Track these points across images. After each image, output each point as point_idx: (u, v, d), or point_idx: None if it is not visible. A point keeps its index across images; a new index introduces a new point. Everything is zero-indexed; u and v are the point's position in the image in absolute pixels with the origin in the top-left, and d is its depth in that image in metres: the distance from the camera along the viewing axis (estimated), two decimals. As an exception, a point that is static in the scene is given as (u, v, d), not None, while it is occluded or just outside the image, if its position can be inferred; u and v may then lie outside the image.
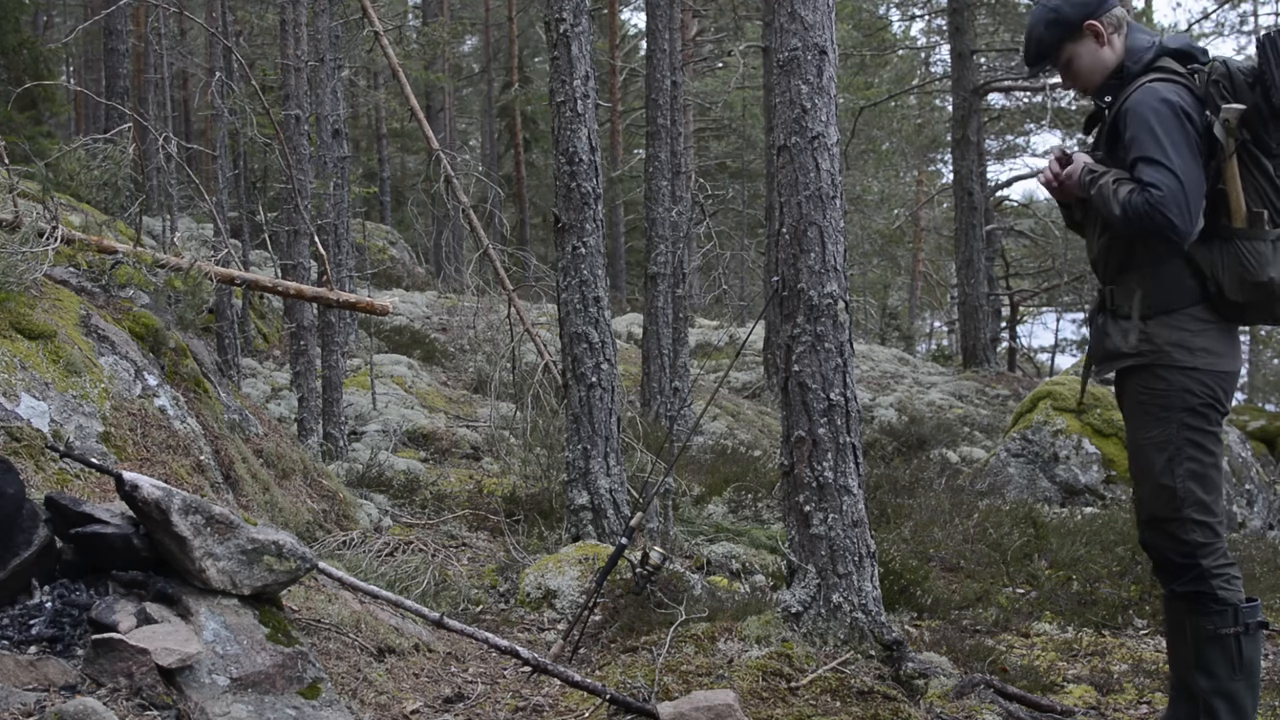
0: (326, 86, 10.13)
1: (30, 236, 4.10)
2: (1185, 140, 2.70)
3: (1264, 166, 2.74)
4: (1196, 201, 2.67)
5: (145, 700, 2.36)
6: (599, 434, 4.98)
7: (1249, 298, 2.74)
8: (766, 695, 2.96)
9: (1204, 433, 2.78)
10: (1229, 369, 2.82)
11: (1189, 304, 2.78)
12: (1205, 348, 2.77)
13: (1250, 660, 2.77)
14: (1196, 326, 2.78)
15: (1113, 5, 2.92)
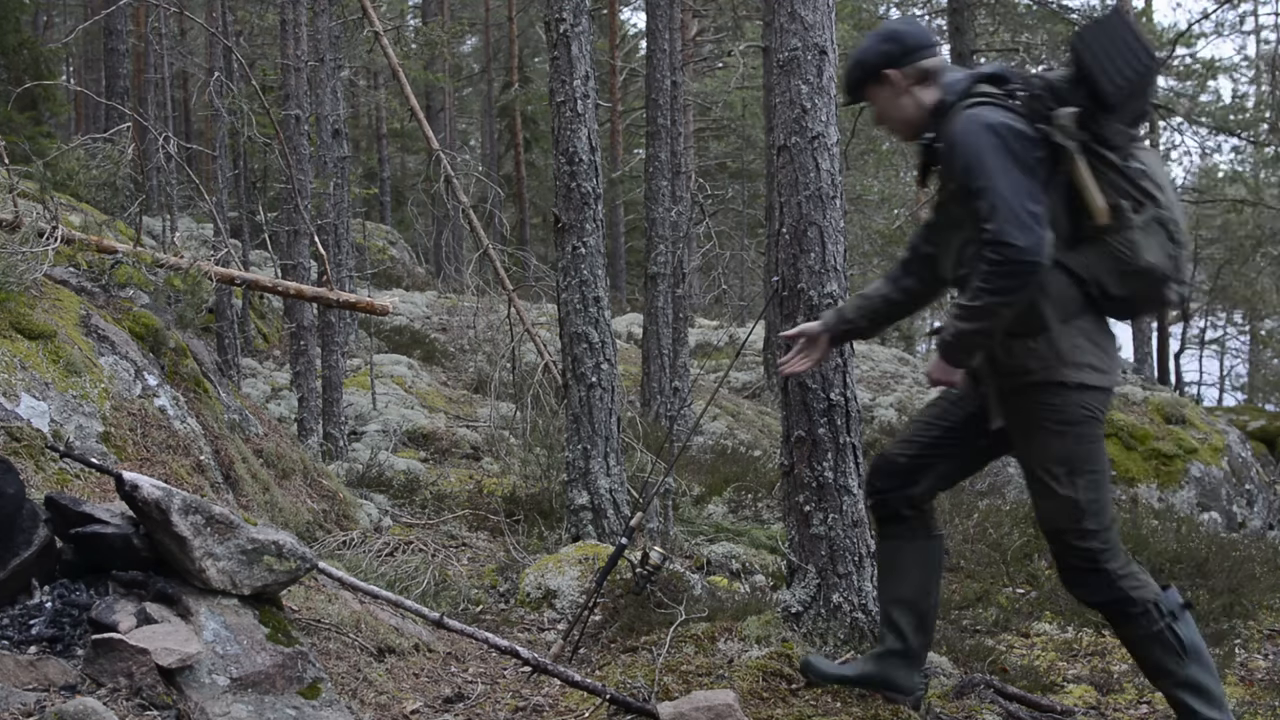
0: (326, 86, 10.13)
1: (30, 236, 4.10)
2: (1009, 157, 2.68)
3: (1110, 160, 2.74)
4: (1030, 210, 2.64)
5: (145, 700, 2.36)
6: (599, 434, 4.98)
7: (1134, 288, 2.75)
8: (767, 695, 2.96)
9: (1096, 444, 2.81)
10: (1111, 385, 2.84)
11: (1076, 314, 2.77)
12: (1091, 364, 2.77)
13: (1192, 643, 2.79)
14: (1085, 339, 2.77)
15: (921, 58, 2.90)
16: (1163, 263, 2.72)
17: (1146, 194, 2.73)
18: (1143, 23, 20.25)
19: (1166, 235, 2.74)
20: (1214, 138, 21.45)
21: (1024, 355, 2.77)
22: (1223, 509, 7.99)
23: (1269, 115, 21.10)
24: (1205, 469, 8.12)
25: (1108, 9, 19.88)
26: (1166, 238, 2.73)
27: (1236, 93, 23.80)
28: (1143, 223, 2.72)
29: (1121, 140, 2.75)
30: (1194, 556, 5.31)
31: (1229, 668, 4.01)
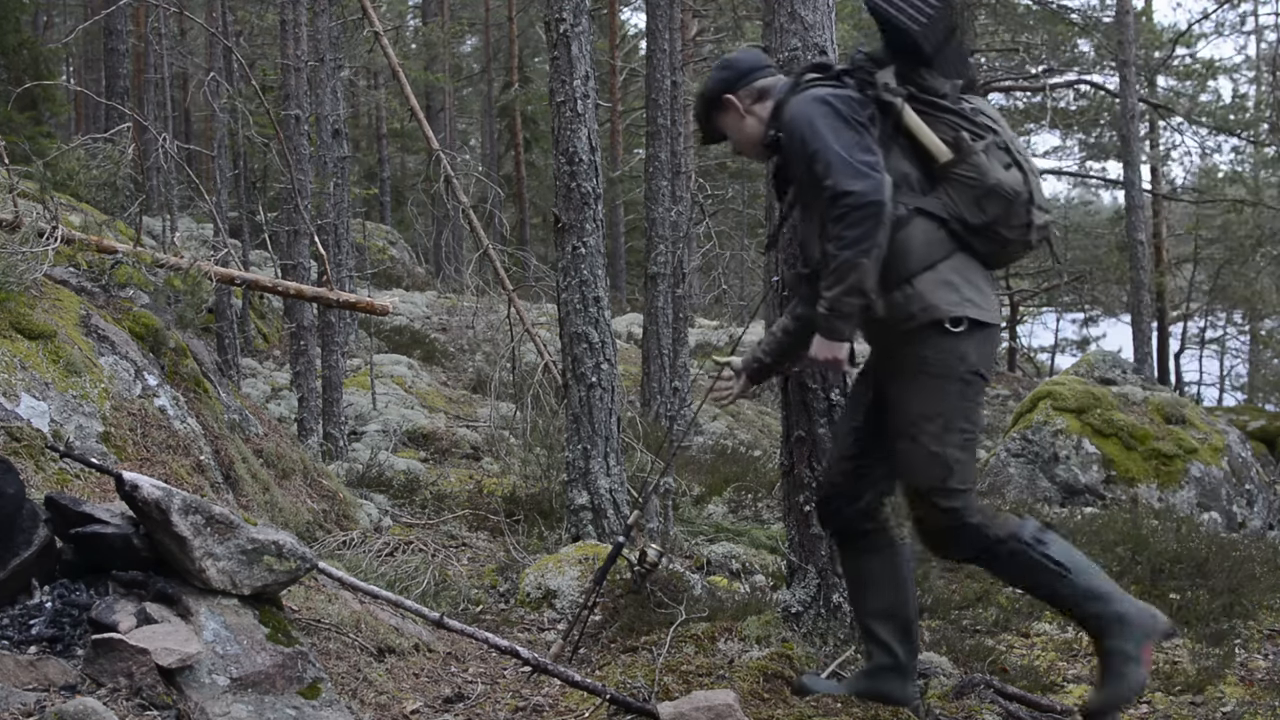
0: (326, 86, 10.13)
1: (30, 236, 4.10)
2: (838, 118, 2.80)
3: (939, 104, 2.87)
4: (862, 159, 2.73)
5: (145, 700, 2.36)
6: (599, 434, 4.98)
7: (992, 212, 2.80)
8: (767, 695, 2.96)
9: (973, 402, 2.83)
10: (994, 321, 2.86)
11: (945, 256, 2.82)
12: (970, 299, 2.80)
13: (1069, 558, 2.82)
14: (957, 276, 2.81)
15: (756, 78, 3.06)
16: (1012, 181, 2.80)
17: (984, 126, 2.86)
18: (1143, 22, 20.24)
19: (1013, 159, 2.84)
20: (1214, 138, 21.44)
21: (902, 303, 2.80)
22: (1223, 509, 7.99)
23: (1269, 115, 21.08)
24: (1205, 469, 8.12)
25: (1106, 8, 19.90)
26: (1014, 161, 2.84)
27: (1236, 93, 23.80)
28: (984, 147, 2.82)
29: (946, 88, 2.90)
30: (1194, 556, 5.30)
31: (1229, 668, 4.01)
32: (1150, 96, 20.28)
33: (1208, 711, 3.54)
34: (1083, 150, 24.39)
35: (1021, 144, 2.91)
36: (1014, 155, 2.85)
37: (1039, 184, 2.87)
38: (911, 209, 2.80)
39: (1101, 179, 23.62)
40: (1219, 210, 21.82)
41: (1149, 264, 16.59)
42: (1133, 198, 16.13)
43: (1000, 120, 2.93)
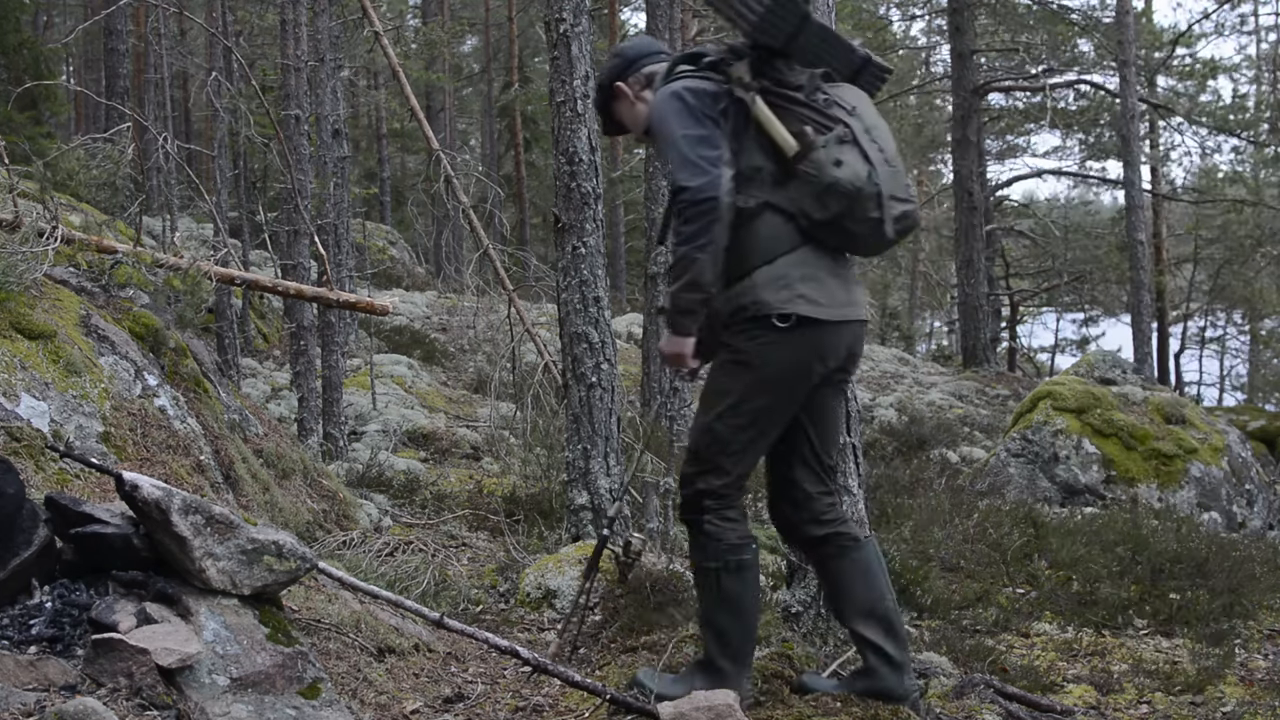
0: (326, 86, 10.13)
1: (30, 236, 4.10)
2: (687, 113, 2.83)
3: (793, 97, 2.88)
4: (703, 155, 2.77)
5: (145, 700, 2.36)
6: (599, 434, 4.98)
7: (833, 208, 2.79)
8: (766, 695, 2.96)
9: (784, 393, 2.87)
10: (835, 318, 2.85)
11: (788, 249, 2.83)
12: (803, 294, 2.81)
13: (733, 595, 2.90)
14: (795, 273, 2.83)
15: (644, 65, 3.10)
16: (853, 178, 2.77)
17: (834, 119, 2.85)
18: (1143, 22, 20.24)
19: (860, 153, 2.80)
20: (1214, 138, 21.43)
21: (737, 296, 2.84)
22: (1223, 509, 7.99)
23: (1269, 115, 21.08)
24: (1205, 469, 8.11)
25: (1106, 8, 19.88)
26: (860, 155, 2.80)
27: (1236, 93, 23.80)
28: (827, 142, 2.80)
29: (804, 79, 2.91)
30: (1194, 556, 5.30)
31: (1229, 668, 4.01)
32: (1150, 96, 20.28)
33: (1208, 711, 3.54)
34: (1083, 150, 24.39)
35: (883, 133, 2.88)
36: (863, 148, 2.81)
37: (893, 175, 2.83)
38: (761, 203, 2.83)
39: (1101, 179, 23.60)
40: (1219, 210, 21.81)
41: (1149, 264, 16.59)
42: (1133, 198, 16.13)
43: (861, 109, 2.90)
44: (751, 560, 2.94)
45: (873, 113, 2.94)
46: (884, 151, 2.85)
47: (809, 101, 2.88)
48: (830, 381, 2.94)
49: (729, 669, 2.90)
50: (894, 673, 2.94)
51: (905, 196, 2.86)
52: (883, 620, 2.96)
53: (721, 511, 2.91)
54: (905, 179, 2.88)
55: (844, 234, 2.84)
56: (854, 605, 2.99)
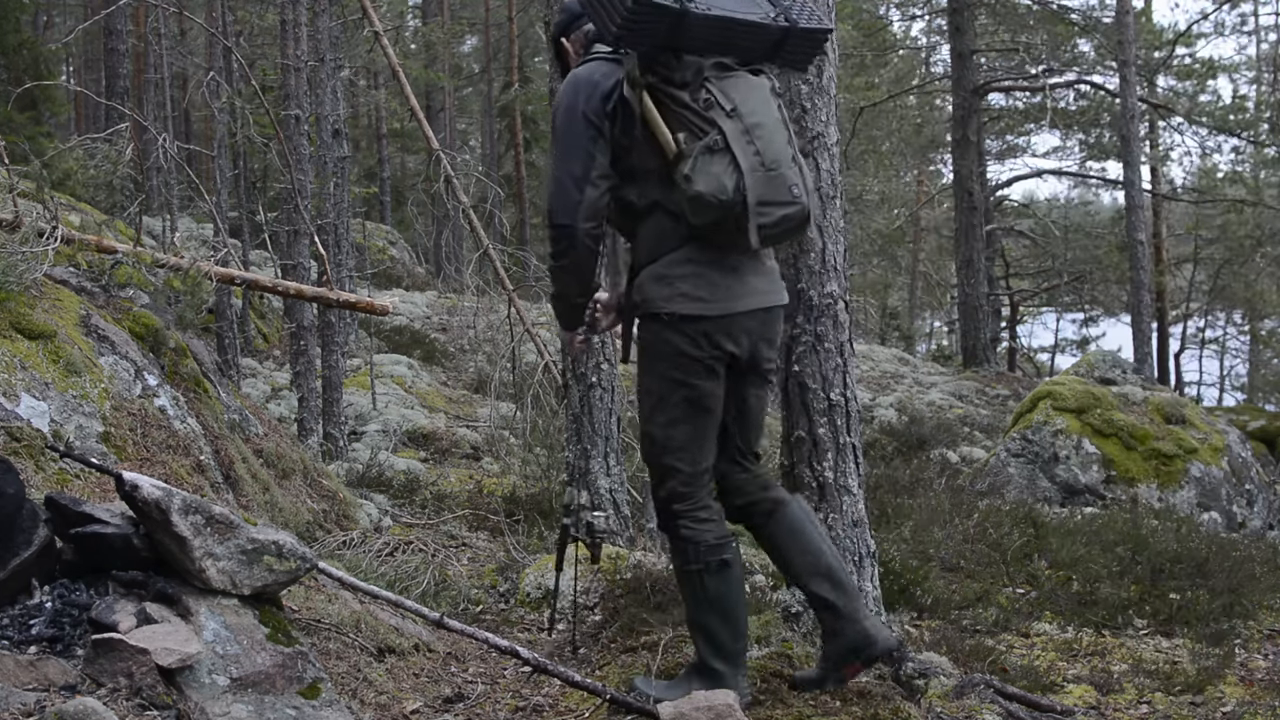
0: (326, 86, 10.13)
1: (30, 236, 4.10)
2: (576, 115, 2.85)
3: (678, 98, 2.81)
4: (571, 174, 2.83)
5: (145, 700, 2.36)
6: (599, 434, 4.97)
7: (705, 217, 2.78)
8: (766, 695, 2.96)
9: (694, 385, 2.88)
10: (723, 312, 2.86)
11: (676, 248, 2.86)
12: (685, 293, 2.84)
13: (717, 594, 2.91)
14: (679, 271, 2.85)
15: (585, 23, 3.02)
16: (717, 191, 2.74)
17: (711, 122, 2.78)
18: (1142, 22, 20.23)
19: (729, 162, 2.75)
20: (1214, 138, 21.42)
21: (635, 292, 2.92)
22: (1223, 509, 7.99)
23: (1269, 115, 21.07)
24: (1205, 469, 8.11)
25: (1106, 8, 19.88)
26: (729, 165, 2.75)
27: (1236, 93, 23.78)
28: (694, 151, 2.76)
29: (691, 75, 2.83)
30: (1194, 556, 5.30)
31: (1229, 668, 4.01)
32: (1150, 96, 20.27)
33: (1208, 711, 3.54)
34: (1083, 150, 24.38)
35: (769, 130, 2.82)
36: (736, 155, 2.76)
37: (769, 180, 2.79)
38: (651, 201, 2.85)
39: (1101, 179, 23.60)
40: (1219, 210, 21.80)
41: (1149, 264, 16.59)
42: (1133, 198, 16.13)
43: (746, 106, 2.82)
44: (733, 559, 2.95)
45: (763, 108, 2.86)
46: (763, 154, 2.80)
47: (690, 103, 2.82)
48: (754, 370, 2.97)
49: (723, 669, 2.91)
50: (853, 623, 2.92)
51: (787, 199, 2.82)
52: (827, 574, 2.96)
53: (693, 513, 2.92)
54: (793, 179, 2.83)
55: (725, 236, 2.83)
56: (794, 566, 3.01)
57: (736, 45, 2.89)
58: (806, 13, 2.97)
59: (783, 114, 2.91)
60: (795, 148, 2.90)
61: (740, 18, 2.85)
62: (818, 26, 2.97)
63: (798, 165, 2.87)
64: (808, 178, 2.90)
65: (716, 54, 2.86)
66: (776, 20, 2.91)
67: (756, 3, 2.93)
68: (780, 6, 2.94)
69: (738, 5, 2.88)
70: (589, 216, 2.84)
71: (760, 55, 2.95)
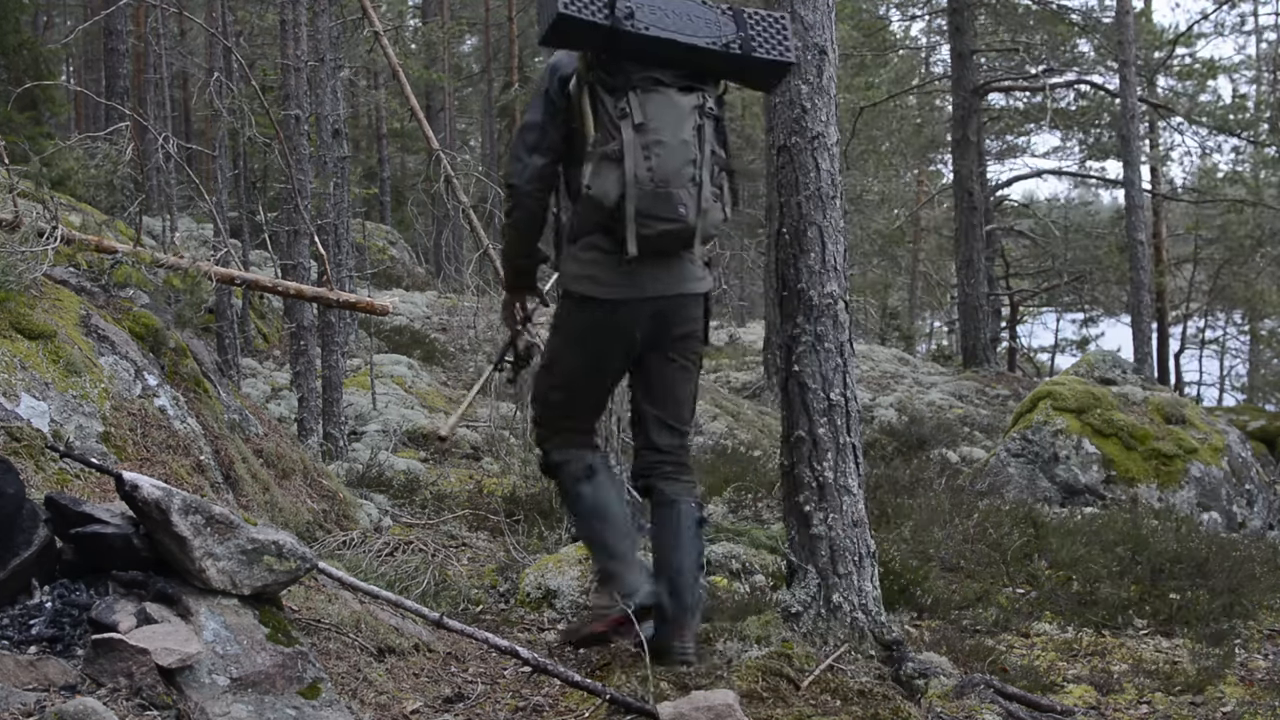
0: (326, 86, 10.12)
1: (30, 236, 4.10)
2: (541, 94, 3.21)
3: (605, 101, 3.06)
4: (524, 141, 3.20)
5: (145, 700, 2.36)
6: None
7: (593, 217, 3.08)
8: (766, 695, 2.96)
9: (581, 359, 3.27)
10: (619, 297, 3.15)
11: (587, 233, 3.15)
12: (589, 275, 3.15)
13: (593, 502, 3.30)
14: (585, 256, 3.16)
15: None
16: (602, 197, 3.01)
17: (617, 129, 3.02)
18: (1142, 22, 20.23)
19: (619, 175, 3.00)
20: (1214, 138, 21.42)
21: (559, 267, 3.31)
22: (1223, 509, 7.98)
23: (1269, 115, 21.07)
24: (1205, 469, 8.11)
25: (1106, 8, 19.87)
26: (618, 177, 3.00)
27: (1236, 93, 23.78)
28: (597, 154, 3.04)
29: (620, 83, 3.05)
30: (1194, 556, 5.30)
31: (1229, 668, 4.01)
32: (1150, 96, 20.27)
33: (1208, 711, 3.54)
34: (1083, 150, 24.38)
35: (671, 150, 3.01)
36: (626, 168, 2.98)
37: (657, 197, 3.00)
38: (580, 186, 3.10)
39: (1101, 179, 23.60)
40: (1219, 210, 21.80)
41: (1149, 264, 16.59)
42: (1133, 198, 16.13)
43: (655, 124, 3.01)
44: (599, 469, 3.34)
45: (671, 127, 3.02)
46: (655, 171, 2.99)
47: (611, 109, 3.04)
48: (657, 350, 3.25)
49: (618, 569, 3.22)
50: (667, 631, 3.18)
51: (671, 216, 3.02)
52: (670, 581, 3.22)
53: (562, 450, 3.35)
54: (682, 199, 3.01)
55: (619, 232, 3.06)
56: (657, 559, 3.33)
57: (681, 62, 3.08)
58: (771, 44, 3.13)
59: (700, 135, 3.06)
60: (703, 168, 3.06)
61: (681, 40, 3.03)
62: (776, 60, 3.15)
63: (696, 185, 3.04)
64: (705, 197, 3.06)
65: (659, 68, 3.06)
66: (729, 48, 3.07)
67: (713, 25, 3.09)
68: (742, 34, 3.10)
69: (684, 26, 3.05)
70: (532, 179, 3.18)
71: (718, 74, 3.18)
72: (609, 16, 2.98)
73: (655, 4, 3.05)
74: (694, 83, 3.11)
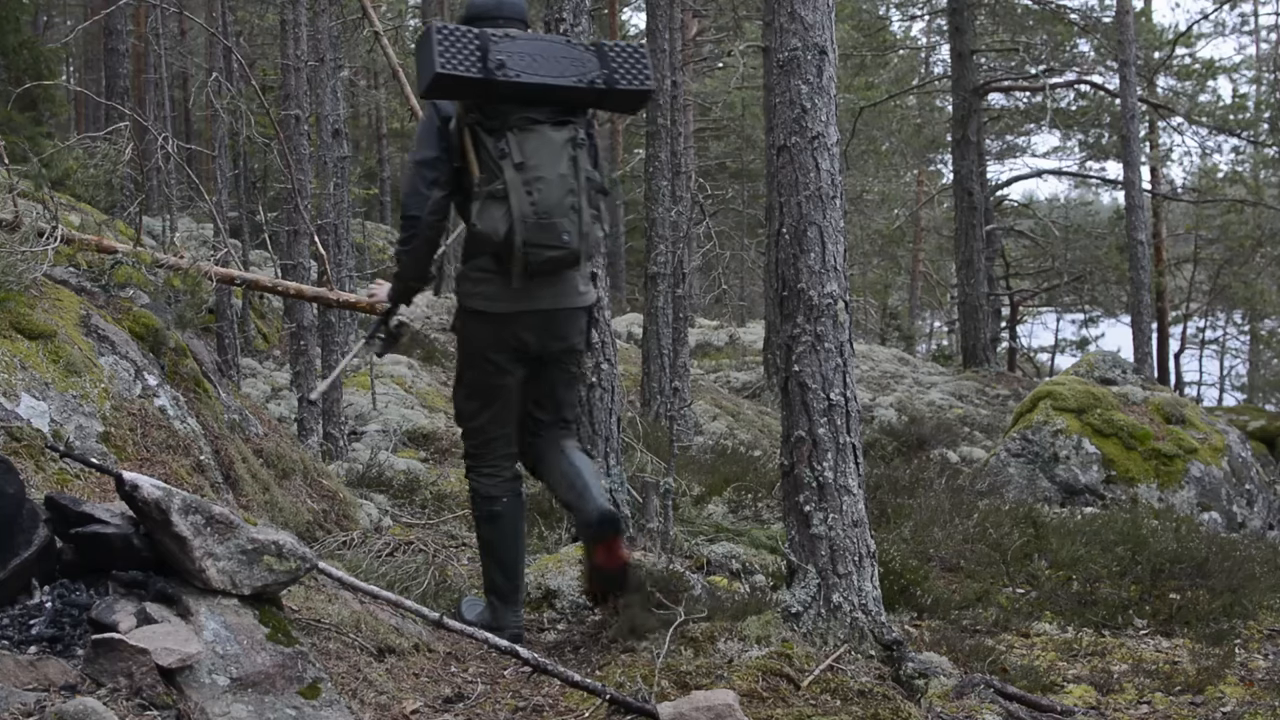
0: (326, 86, 10.12)
1: (30, 236, 4.10)
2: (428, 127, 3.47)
3: (485, 142, 3.36)
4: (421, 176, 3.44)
5: (145, 700, 2.36)
6: (599, 434, 4.97)
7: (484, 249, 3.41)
8: (766, 695, 2.96)
9: (484, 367, 3.56)
10: (509, 310, 3.47)
11: (478, 254, 3.47)
12: (482, 292, 3.49)
13: (488, 539, 3.67)
14: (477, 275, 3.49)
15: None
16: (491, 233, 3.34)
17: (501, 170, 3.33)
18: (1142, 22, 20.23)
19: (505, 210, 3.32)
20: (1214, 138, 21.43)
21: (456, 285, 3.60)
22: (1223, 509, 7.98)
23: (1269, 115, 21.07)
24: (1205, 469, 8.11)
25: (1106, 8, 19.87)
26: (504, 213, 3.32)
27: (1236, 93, 23.78)
28: (483, 193, 3.35)
29: (498, 124, 3.36)
30: (1194, 556, 5.30)
31: (1229, 668, 4.01)
32: (1150, 96, 20.28)
33: (1208, 711, 3.54)
34: (1083, 150, 24.39)
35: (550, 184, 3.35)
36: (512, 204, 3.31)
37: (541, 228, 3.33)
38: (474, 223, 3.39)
39: (1101, 179, 23.61)
40: (1219, 210, 21.81)
41: (1149, 264, 16.59)
42: (1133, 198, 16.13)
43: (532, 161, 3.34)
44: (503, 511, 3.62)
45: (549, 162, 3.36)
46: (537, 205, 3.33)
47: (492, 149, 3.35)
48: (549, 361, 3.61)
49: (496, 605, 3.63)
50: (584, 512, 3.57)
51: (556, 244, 3.37)
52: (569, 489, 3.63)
53: (478, 469, 3.65)
54: (565, 227, 3.37)
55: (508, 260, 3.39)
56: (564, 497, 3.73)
57: (554, 101, 3.42)
58: (631, 75, 3.49)
59: (575, 165, 3.40)
60: (581, 195, 3.40)
61: (551, 83, 3.38)
62: (637, 89, 3.50)
63: (576, 212, 3.39)
64: (585, 222, 3.42)
65: (534, 107, 3.39)
66: (594, 84, 3.42)
67: (578, 64, 3.44)
68: (605, 70, 3.44)
69: (552, 69, 3.39)
70: (432, 211, 3.44)
71: (586, 105, 3.52)
72: (483, 70, 3.28)
73: (524, 50, 3.37)
74: (566, 117, 3.44)
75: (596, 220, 3.47)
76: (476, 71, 3.28)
